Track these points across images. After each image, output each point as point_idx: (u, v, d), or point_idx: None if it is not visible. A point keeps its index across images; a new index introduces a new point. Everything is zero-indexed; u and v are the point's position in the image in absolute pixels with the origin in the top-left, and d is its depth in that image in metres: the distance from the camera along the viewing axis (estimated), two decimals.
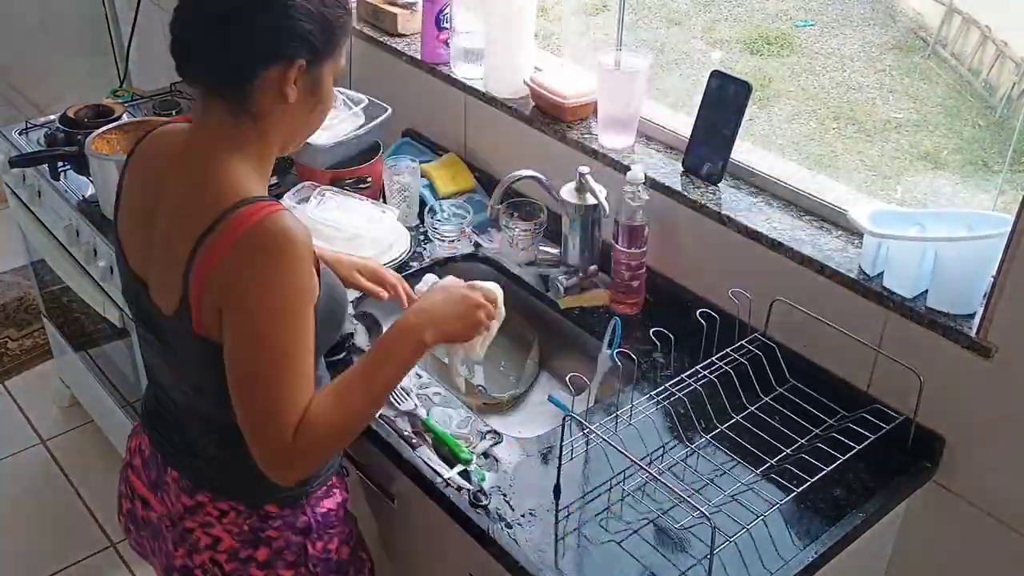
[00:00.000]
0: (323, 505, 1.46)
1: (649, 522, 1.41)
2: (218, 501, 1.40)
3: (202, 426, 1.39)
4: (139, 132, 2.31)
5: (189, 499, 1.41)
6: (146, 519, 1.50)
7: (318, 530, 1.45)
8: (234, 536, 1.41)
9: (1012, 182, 1.65)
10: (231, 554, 1.41)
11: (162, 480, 1.45)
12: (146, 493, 1.49)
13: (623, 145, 1.88)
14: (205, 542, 1.41)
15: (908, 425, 1.50)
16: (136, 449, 1.52)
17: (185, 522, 1.42)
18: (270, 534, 1.41)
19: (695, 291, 1.81)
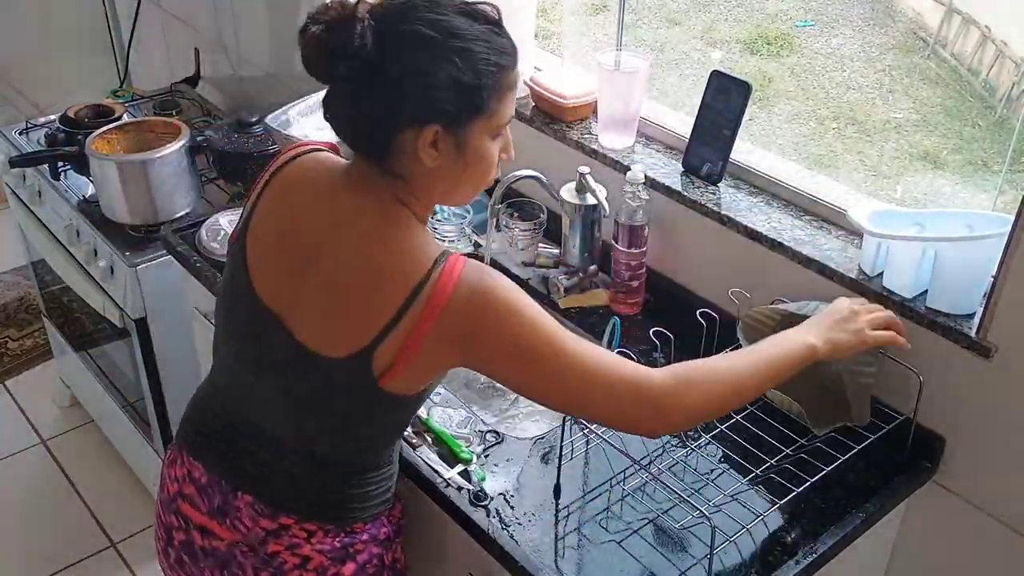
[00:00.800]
0: (392, 515, 1.47)
1: (649, 522, 1.42)
2: (304, 522, 1.37)
3: (303, 458, 1.36)
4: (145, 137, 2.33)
5: (271, 522, 1.37)
6: (208, 548, 1.41)
7: (392, 539, 1.46)
8: (325, 554, 1.38)
9: (1012, 182, 1.65)
10: (319, 572, 1.38)
11: (231, 505, 1.38)
12: (207, 522, 1.41)
13: (623, 145, 1.88)
14: (292, 563, 1.37)
15: (908, 425, 1.50)
16: (185, 477, 1.42)
17: (268, 546, 1.37)
18: (358, 547, 1.40)
19: (695, 291, 1.81)
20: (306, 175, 1.33)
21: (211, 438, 1.42)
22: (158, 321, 2.29)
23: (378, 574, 1.44)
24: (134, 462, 2.72)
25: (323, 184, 1.31)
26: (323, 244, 1.27)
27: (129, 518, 2.65)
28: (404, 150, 1.22)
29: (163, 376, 2.35)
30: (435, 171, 1.24)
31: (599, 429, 1.45)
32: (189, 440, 1.44)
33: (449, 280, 1.20)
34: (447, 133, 1.22)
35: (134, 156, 2.23)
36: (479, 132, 1.25)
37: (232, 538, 1.39)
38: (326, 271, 1.26)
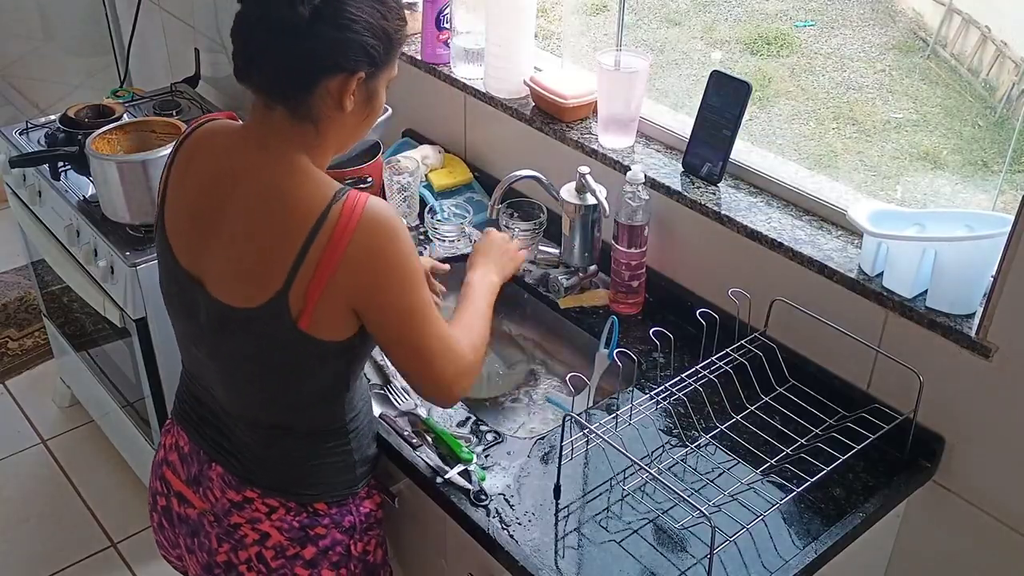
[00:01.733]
0: (365, 506, 1.48)
1: (649, 522, 1.42)
2: (267, 497, 1.41)
3: (248, 428, 1.40)
4: (145, 137, 2.33)
5: (236, 494, 1.41)
6: (184, 515, 1.48)
7: (361, 530, 1.47)
8: (283, 532, 1.41)
9: (1012, 182, 1.65)
10: (278, 551, 1.41)
11: (204, 475, 1.44)
12: (184, 489, 1.47)
13: (623, 145, 1.88)
14: (252, 538, 1.41)
15: (908, 425, 1.50)
16: (172, 445, 1.50)
17: (231, 517, 1.42)
18: (318, 531, 1.42)
19: (695, 291, 1.81)
20: (206, 142, 1.37)
21: (188, 411, 1.49)
22: (158, 321, 2.28)
23: (343, 562, 1.45)
24: (134, 462, 2.71)
25: (222, 146, 1.35)
26: (227, 201, 1.30)
27: (129, 518, 2.65)
28: (325, 96, 1.27)
29: (163, 376, 2.35)
30: (344, 117, 1.30)
31: (600, 429, 1.45)
32: (176, 411, 1.52)
33: (352, 214, 1.24)
34: (365, 82, 1.28)
35: (134, 156, 2.23)
36: (382, 83, 1.33)
37: (203, 507, 1.45)
38: (232, 226, 1.30)
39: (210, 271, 1.32)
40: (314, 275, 1.24)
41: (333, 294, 1.26)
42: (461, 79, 2.12)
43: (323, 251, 1.24)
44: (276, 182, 1.28)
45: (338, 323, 1.30)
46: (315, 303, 1.26)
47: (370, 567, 1.50)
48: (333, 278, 1.24)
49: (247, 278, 1.28)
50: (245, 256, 1.29)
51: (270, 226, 1.27)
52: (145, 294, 2.23)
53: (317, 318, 1.27)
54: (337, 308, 1.28)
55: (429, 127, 2.32)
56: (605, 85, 1.85)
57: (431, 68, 2.18)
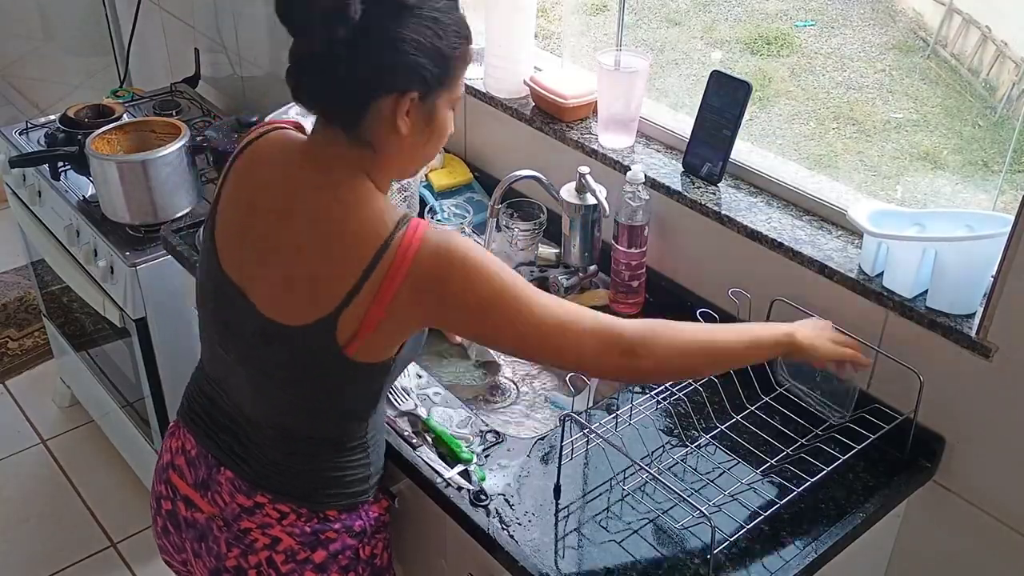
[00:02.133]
0: (374, 510, 1.47)
1: (649, 522, 1.42)
2: (278, 503, 1.40)
3: (273, 436, 1.38)
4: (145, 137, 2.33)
5: (247, 499, 1.40)
6: (190, 520, 1.47)
7: (369, 534, 1.46)
8: (294, 537, 1.40)
9: (1012, 182, 1.65)
10: (289, 555, 1.40)
11: (213, 479, 1.43)
12: (191, 493, 1.46)
13: (623, 145, 1.88)
14: (263, 542, 1.40)
15: (908, 425, 1.50)
16: (178, 448, 1.48)
17: (241, 522, 1.41)
18: (329, 535, 1.41)
19: (695, 291, 1.81)
20: (268, 152, 1.35)
21: (200, 414, 1.46)
22: (158, 321, 2.29)
23: (352, 566, 1.45)
24: (134, 462, 2.72)
25: (285, 159, 1.33)
26: (284, 216, 1.29)
27: (129, 518, 2.65)
28: (379, 118, 1.24)
29: (163, 376, 2.35)
30: (403, 140, 1.26)
31: (600, 429, 1.45)
32: (184, 413, 1.50)
33: (412, 242, 1.22)
34: (421, 102, 1.24)
35: (134, 156, 2.23)
36: (444, 103, 1.28)
37: (211, 511, 1.44)
38: (287, 241, 1.28)
39: (256, 283, 1.31)
40: (373, 303, 1.23)
41: (390, 323, 1.25)
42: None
43: (381, 282, 1.22)
44: (336, 204, 1.26)
45: (387, 347, 1.29)
46: (368, 333, 1.25)
47: (377, 570, 1.50)
48: (392, 308, 1.23)
49: (298, 297, 1.27)
50: (297, 275, 1.27)
51: (327, 248, 1.25)
52: (145, 294, 2.24)
53: (366, 346, 1.26)
54: (392, 335, 1.27)
55: None
56: (605, 85, 1.85)
57: None
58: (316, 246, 1.26)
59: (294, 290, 1.28)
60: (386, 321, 1.24)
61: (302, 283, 1.27)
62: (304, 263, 1.27)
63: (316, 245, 1.26)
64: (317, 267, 1.26)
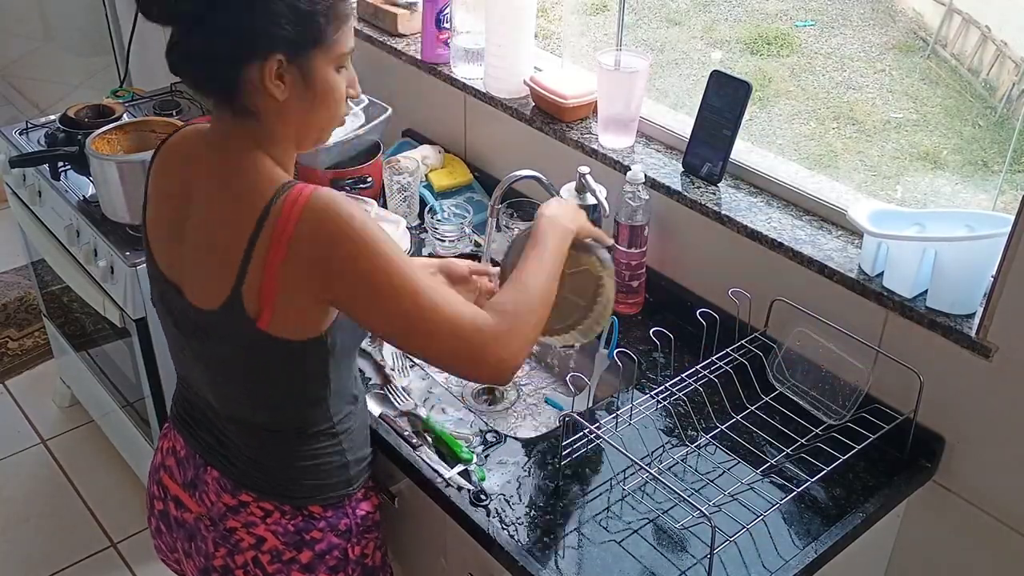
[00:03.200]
0: (362, 508, 1.47)
1: (649, 522, 1.42)
2: (262, 501, 1.40)
3: (239, 430, 1.39)
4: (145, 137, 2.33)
5: (232, 498, 1.41)
6: (180, 520, 1.48)
7: (357, 533, 1.46)
8: (278, 536, 1.40)
9: (1012, 182, 1.65)
10: (274, 555, 1.41)
11: (200, 480, 1.44)
12: (180, 493, 1.47)
13: (623, 145, 1.88)
14: (248, 542, 1.41)
15: (908, 425, 1.50)
16: (169, 449, 1.50)
17: (227, 521, 1.41)
18: (314, 535, 1.42)
19: (695, 291, 1.81)
20: (177, 148, 1.37)
21: (183, 415, 1.48)
22: (158, 321, 2.28)
23: (341, 567, 1.45)
24: (134, 462, 2.71)
25: (190, 150, 1.34)
26: (191, 203, 1.30)
27: (129, 518, 2.65)
28: (253, 86, 1.23)
29: (163, 376, 2.35)
30: (285, 106, 1.25)
31: (600, 429, 1.45)
32: (172, 415, 1.52)
33: (293, 208, 1.19)
34: (291, 64, 1.22)
35: (134, 156, 2.23)
36: (322, 63, 1.25)
37: (199, 511, 1.45)
38: (195, 228, 1.30)
39: (184, 276, 1.32)
40: (264, 273, 1.22)
41: (289, 290, 1.22)
42: (461, 79, 2.12)
43: (268, 247, 1.21)
44: (228, 180, 1.27)
45: (302, 321, 1.26)
46: (272, 301, 1.23)
47: (369, 570, 1.49)
48: (284, 271, 1.21)
49: (209, 280, 1.27)
50: (208, 257, 1.28)
51: (222, 224, 1.25)
52: (145, 294, 2.23)
53: (277, 317, 1.24)
54: (299, 305, 1.24)
55: (429, 127, 2.32)
56: (605, 85, 1.85)
57: (431, 68, 2.18)
58: (213, 227, 1.27)
59: (208, 274, 1.28)
60: (284, 292, 1.22)
61: (211, 266, 1.27)
62: (207, 246, 1.27)
63: (213, 226, 1.27)
64: (219, 247, 1.26)
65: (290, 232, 1.19)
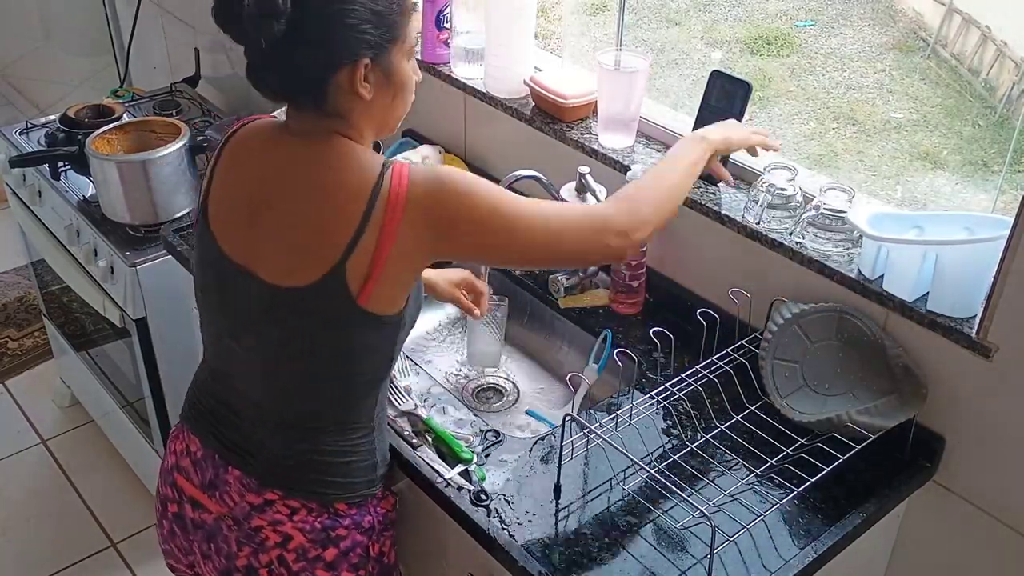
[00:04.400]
0: (382, 506, 1.48)
1: (649, 522, 1.42)
2: (288, 499, 1.40)
3: (275, 423, 1.39)
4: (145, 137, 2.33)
5: (257, 497, 1.40)
6: (198, 521, 1.47)
7: (378, 531, 1.47)
8: (305, 534, 1.40)
9: (1012, 182, 1.65)
10: (300, 553, 1.41)
11: (221, 480, 1.43)
12: (198, 494, 1.46)
13: (623, 145, 1.88)
14: (274, 540, 1.40)
15: (908, 425, 1.50)
16: (183, 450, 1.49)
17: (252, 520, 1.41)
18: (340, 532, 1.42)
19: (695, 291, 1.81)
20: (250, 138, 1.39)
21: (204, 414, 1.47)
22: (158, 321, 2.29)
23: (362, 564, 1.45)
24: (134, 462, 2.72)
25: (267, 141, 1.37)
26: (274, 190, 1.32)
27: (129, 518, 2.65)
28: (341, 90, 1.28)
29: (163, 376, 2.35)
30: (371, 103, 1.31)
31: (600, 429, 1.45)
32: (187, 415, 1.50)
33: (401, 179, 1.27)
34: (375, 64, 1.28)
35: (134, 156, 2.23)
36: (399, 57, 1.31)
37: (220, 511, 1.44)
38: (282, 211, 1.31)
39: (262, 259, 1.33)
40: (379, 242, 1.26)
41: (399, 260, 1.27)
42: (461, 79, 2.12)
43: (383, 220, 1.25)
44: (321, 166, 1.30)
45: (396, 296, 1.31)
46: (379, 275, 1.27)
47: (386, 568, 1.50)
48: (399, 243, 1.26)
49: (301, 258, 1.29)
50: (299, 238, 1.30)
51: (322, 205, 1.28)
52: (145, 294, 2.24)
53: (378, 291, 1.28)
54: (404, 274, 1.30)
55: (429, 127, 2.32)
56: (605, 85, 1.85)
57: (431, 68, 2.18)
58: (312, 208, 1.29)
59: (298, 254, 1.30)
60: (395, 259, 1.27)
61: (304, 245, 1.29)
62: (303, 227, 1.29)
63: (312, 207, 1.29)
64: (316, 226, 1.28)
65: (402, 203, 1.25)
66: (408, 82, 1.35)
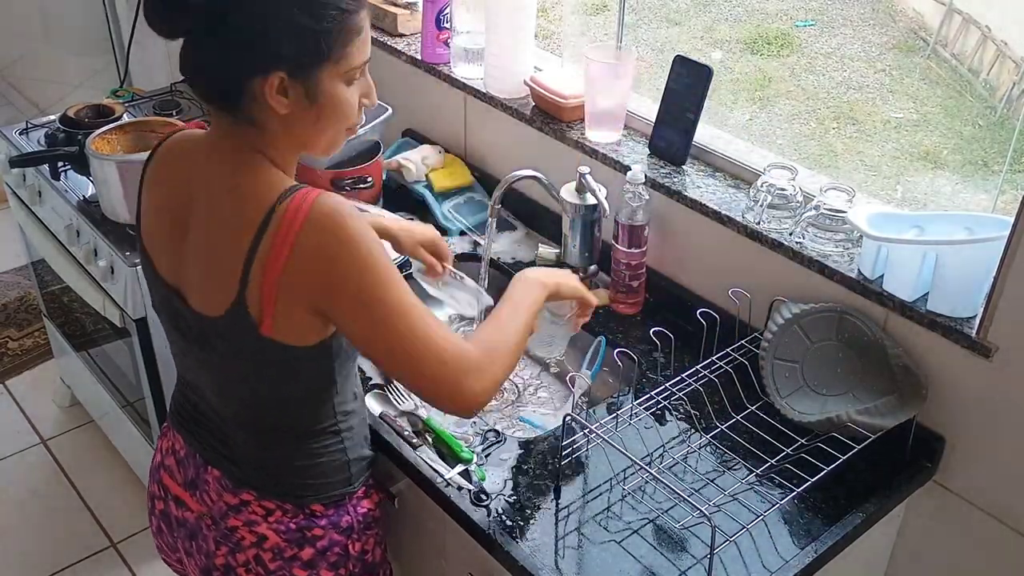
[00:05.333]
0: (363, 505, 1.48)
1: (649, 522, 1.42)
2: (263, 500, 1.40)
3: (242, 431, 1.39)
4: (145, 137, 2.33)
5: (233, 497, 1.41)
6: (181, 519, 1.48)
7: (358, 530, 1.46)
8: (280, 534, 1.41)
9: (1012, 182, 1.65)
10: (276, 552, 1.41)
11: (201, 479, 1.44)
12: (181, 492, 1.47)
13: (610, 140, 1.88)
14: (250, 540, 1.41)
15: (908, 425, 1.50)
16: (168, 449, 1.50)
17: (228, 520, 1.41)
18: (316, 532, 1.42)
19: (695, 291, 1.81)
20: (173, 152, 1.36)
21: (183, 415, 1.48)
22: (158, 321, 2.28)
23: (341, 563, 1.45)
24: (134, 462, 2.72)
25: (187, 155, 1.33)
26: (192, 209, 1.29)
27: (129, 518, 2.65)
28: (254, 99, 1.22)
29: (163, 376, 2.35)
30: (288, 118, 1.24)
31: (600, 429, 1.45)
32: (172, 416, 1.52)
33: (297, 214, 1.19)
34: (294, 80, 1.21)
35: (134, 156, 2.23)
36: (329, 78, 1.23)
37: (200, 510, 1.45)
38: (196, 233, 1.29)
39: (187, 283, 1.32)
40: (264, 278, 1.21)
41: (288, 297, 1.22)
42: (461, 79, 2.12)
43: (269, 252, 1.19)
44: (229, 184, 1.26)
45: (304, 327, 1.26)
46: (272, 307, 1.22)
47: (369, 566, 1.50)
48: (283, 280, 1.20)
49: (213, 286, 1.27)
50: (210, 263, 1.27)
51: (224, 230, 1.25)
52: (145, 294, 2.23)
53: (279, 323, 1.23)
54: (298, 311, 1.24)
55: (429, 127, 2.32)
56: (592, 79, 1.85)
57: (431, 68, 2.18)
58: (218, 231, 1.26)
59: (211, 281, 1.27)
60: (283, 295, 1.21)
61: (215, 273, 1.26)
62: (212, 254, 1.27)
63: (216, 230, 1.26)
64: (221, 253, 1.25)
65: (292, 239, 1.19)
66: (340, 105, 1.26)
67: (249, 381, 1.34)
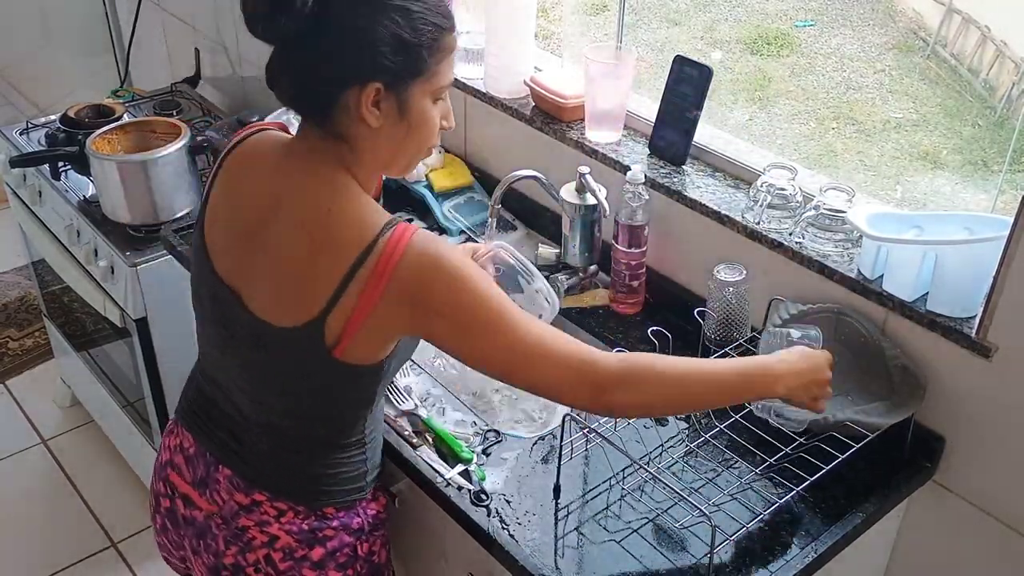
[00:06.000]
0: (371, 507, 1.48)
1: (649, 521, 1.42)
2: (276, 501, 1.40)
3: (265, 434, 1.39)
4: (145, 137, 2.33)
5: (245, 497, 1.40)
6: (189, 517, 1.47)
7: (368, 531, 1.47)
8: (292, 535, 1.40)
9: (1012, 182, 1.65)
10: (287, 552, 1.41)
11: (212, 478, 1.43)
12: (189, 491, 1.46)
13: (609, 140, 1.89)
14: (261, 540, 1.40)
15: (908, 425, 1.50)
16: (176, 447, 1.49)
17: (239, 520, 1.41)
18: (327, 533, 1.42)
19: (695, 291, 1.81)
20: (253, 153, 1.35)
21: (198, 412, 1.47)
22: (158, 321, 2.29)
23: (350, 563, 1.45)
24: (134, 462, 2.72)
25: (269, 159, 1.33)
26: (271, 217, 1.29)
27: (129, 518, 2.65)
28: (347, 111, 1.23)
29: (163, 376, 2.35)
30: (378, 133, 1.25)
31: (600, 428, 1.45)
32: (182, 412, 1.50)
33: (396, 247, 1.21)
34: (389, 93, 1.23)
35: (134, 156, 2.23)
36: (420, 94, 1.25)
37: (209, 509, 1.44)
38: (275, 243, 1.28)
39: (250, 286, 1.31)
40: (356, 307, 1.22)
41: (375, 324, 1.24)
42: (461, 79, 2.12)
43: (365, 284, 1.22)
44: (319, 205, 1.26)
45: (374, 350, 1.28)
46: (354, 334, 1.24)
47: (375, 567, 1.50)
48: (377, 310, 1.22)
49: (287, 299, 1.27)
50: (287, 276, 1.27)
51: (313, 250, 1.25)
52: (145, 294, 2.24)
53: (353, 348, 1.26)
54: (378, 338, 1.26)
55: None
56: (592, 79, 1.85)
57: None
58: (302, 248, 1.26)
59: (284, 292, 1.28)
60: (370, 326, 1.24)
61: (291, 285, 1.27)
62: (292, 265, 1.27)
63: (302, 247, 1.26)
64: (304, 269, 1.26)
65: (390, 272, 1.21)
66: (427, 123, 1.28)
67: (291, 393, 1.34)
